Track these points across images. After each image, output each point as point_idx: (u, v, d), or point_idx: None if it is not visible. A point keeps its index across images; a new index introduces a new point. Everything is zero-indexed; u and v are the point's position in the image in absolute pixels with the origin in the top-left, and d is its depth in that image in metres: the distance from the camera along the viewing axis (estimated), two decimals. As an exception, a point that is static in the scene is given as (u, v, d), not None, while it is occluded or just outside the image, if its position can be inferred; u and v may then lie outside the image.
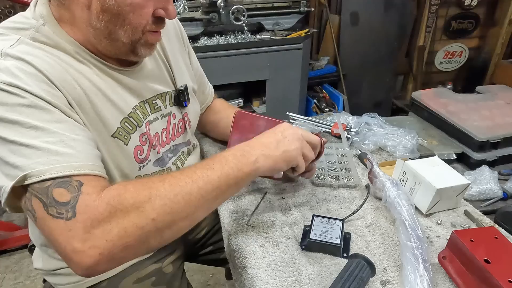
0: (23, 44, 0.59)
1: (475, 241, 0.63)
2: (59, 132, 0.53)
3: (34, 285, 1.74)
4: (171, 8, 0.65)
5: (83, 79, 0.64)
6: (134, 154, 0.72)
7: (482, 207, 1.62)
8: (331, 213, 0.83)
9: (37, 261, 0.83)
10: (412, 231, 0.66)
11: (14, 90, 0.52)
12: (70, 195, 0.49)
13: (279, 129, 0.70)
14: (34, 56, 0.58)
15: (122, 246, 0.50)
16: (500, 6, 2.82)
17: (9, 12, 2.07)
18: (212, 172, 0.58)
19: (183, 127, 0.88)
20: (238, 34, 2.03)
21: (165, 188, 0.54)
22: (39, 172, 0.49)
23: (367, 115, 1.18)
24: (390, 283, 0.65)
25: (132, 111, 0.72)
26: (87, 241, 0.48)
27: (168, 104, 0.83)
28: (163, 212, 0.52)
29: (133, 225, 0.50)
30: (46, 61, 0.59)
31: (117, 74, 0.71)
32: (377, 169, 0.82)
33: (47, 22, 0.63)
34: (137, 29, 0.63)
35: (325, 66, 2.60)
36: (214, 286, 1.78)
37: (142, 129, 0.74)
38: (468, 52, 3.05)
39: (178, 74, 0.86)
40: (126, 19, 0.61)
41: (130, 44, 0.65)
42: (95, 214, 0.48)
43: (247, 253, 0.71)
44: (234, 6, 1.90)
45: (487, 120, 1.95)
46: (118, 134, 0.68)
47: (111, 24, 0.61)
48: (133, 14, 0.60)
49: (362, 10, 2.54)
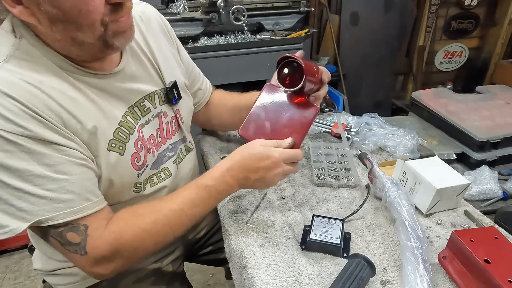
0: (2, 70, 0.57)
1: (475, 241, 0.63)
2: (58, 178, 0.59)
3: (34, 285, 1.74)
4: None
5: (67, 101, 0.62)
6: (132, 163, 0.72)
7: (482, 207, 1.62)
8: (331, 213, 0.83)
9: (37, 262, 0.83)
10: (412, 231, 0.66)
11: (11, 137, 0.54)
12: (80, 237, 0.61)
13: (259, 168, 0.70)
14: (16, 87, 0.56)
15: (122, 269, 0.69)
16: (500, 6, 2.82)
17: (9, 12, 2.06)
18: (198, 210, 0.71)
19: (176, 125, 0.86)
20: (238, 34, 2.02)
21: (157, 231, 0.67)
22: (47, 219, 0.58)
23: (367, 115, 1.18)
24: (390, 283, 0.65)
25: (122, 119, 0.70)
26: (97, 269, 0.65)
27: (158, 103, 0.80)
28: (153, 248, 0.70)
29: (129, 260, 0.68)
30: (28, 90, 0.57)
31: (101, 82, 0.68)
32: (377, 169, 0.82)
33: (25, 37, 0.60)
34: (95, 26, 0.58)
35: (325, 66, 2.60)
36: (214, 286, 1.78)
37: (135, 135, 0.73)
38: (468, 52, 3.05)
39: (167, 71, 0.82)
40: (77, 21, 0.56)
41: (99, 41, 0.61)
42: (101, 254, 0.63)
43: (247, 253, 0.71)
44: (234, 6, 1.90)
45: (487, 120, 1.95)
46: (111, 146, 0.68)
47: (67, 31, 0.58)
48: (80, 13, 0.55)
49: (362, 10, 2.54)
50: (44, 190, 0.58)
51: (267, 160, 0.69)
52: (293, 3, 2.18)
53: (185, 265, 1.04)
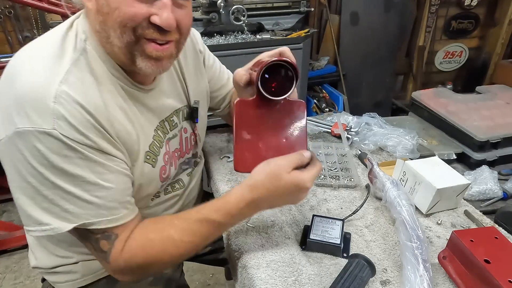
0: (71, 77, 0.58)
1: (475, 241, 0.63)
2: (107, 187, 0.61)
3: (34, 285, 1.74)
4: (165, 15, 0.57)
5: (120, 111, 0.64)
6: (160, 175, 0.75)
7: (482, 207, 1.62)
8: (331, 213, 0.83)
9: (36, 259, 0.83)
10: (412, 231, 0.66)
11: (74, 145, 0.56)
12: (108, 246, 0.64)
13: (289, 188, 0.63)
14: (83, 95, 0.58)
15: (137, 278, 0.74)
16: (500, 6, 2.82)
17: (9, 12, 2.07)
18: (209, 241, 0.68)
19: (194, 140, 0.89)
20: (238, 34, 2.02)
21: (165, 258, 0.67)
22: (91, 223, 0.61)
23: (367, 115, 1.18)
24: (390, 283, 0.65)
25: (155, 133, 0.74)
26: (118, 277, 0.69)
27: (181, 119, 0.83)
28: (164, 267, 0.76)
29: (142, 276, 0.75)
30: (92, 99, 0.59)
31: (141, 95, 0.70)
32: (377, 169, 0.82)
33: (88, 39, 0.62)
34: (126, 29, 0.58)
35: (325, 66, 2.60)
36: (214, 286, 1.78)
37: (164, 148, 0.76)
38: (468, 52, 3.05)
39: (192, 90, 0.85)
40: (113, 17, 0.57)
41: (126, 49, 0.60)
42: (119, 268, 0.66)
43: (247, 253, 0.71)
44: (234, 6, 1.90)
45: (487, 120, 1.95)
46: (146, 158, 0.71)
47: (105, 25, 0.58)
48: (118, 11, 0.56)
49: (362, 10, 2.54)
50: (92, 196, 0.60)
51: (299, 192, 0.63)
52: (293, 3, 2.19)
53: (184, 265, 1.04)
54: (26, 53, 0.61)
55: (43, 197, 0.58)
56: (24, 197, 0.59)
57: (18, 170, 0.57)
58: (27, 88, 0.55)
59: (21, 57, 0.61)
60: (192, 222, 0.66)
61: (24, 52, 0.61)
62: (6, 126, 0.56)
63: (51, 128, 0.54)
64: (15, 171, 0.58)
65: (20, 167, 0.57)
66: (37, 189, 0.58)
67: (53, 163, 0.56)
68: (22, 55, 0.61)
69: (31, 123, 0.54)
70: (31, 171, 0.56)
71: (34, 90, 0.55)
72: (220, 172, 0.98)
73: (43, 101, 0.54)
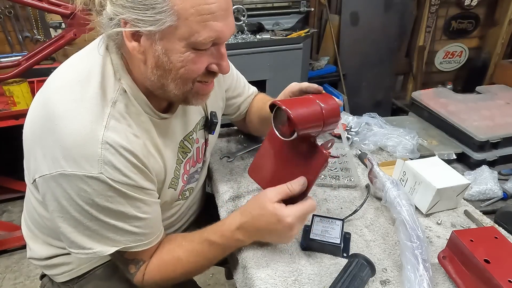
0: (113, 121, 0.60)
1: (475, 241, 0.63)
2: (145, 218, 0.66)
3: (34, 285, 1.74)
4: (224, 64, 0.64)
5: (153, 146, 0.67)
6: (179, 194, 0.80)
7: (482, 207, 1.63)
8: (331, 213, 0.83)
9: (30, 250, 0.83)
10: (412, 231, 0.66)
11: (118, 186, 0.60)
12: (134, 270, 0.71)
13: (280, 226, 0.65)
14: (125, 137, 0.60)
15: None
16: (500, 6, 2.82)
17: (9, 12, 2.07)
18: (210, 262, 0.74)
19: (203, 151, 0.89)
20: (238, 34, 2.02)
21: (180, 273, 0.73)
22: (127, 248, 0.66)
23: (367, 115, 1.18)
24: (390, 283, 0.65)
25: (177, 157, 0.76)
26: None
27: (197, 130, 0.83)
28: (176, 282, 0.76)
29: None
30: (134, 140, 0.62)
31: (168, 122, 0.72)
32: (377, 169, 0.82)
33: (122, 76, 0.63)
34: (188, 82, 0.62)
35: (325, 66, 2.60)
36: (214, 286, 1.77)
37: (182, 169, 0.79)
38: (468, 52, 3.06)
39: (209, 100, 0.84)
40: (177, 74, 0.60)
41: (182, 95, 0.65)
42: (140, 284, 0.73)
43: (247, 253, 0.71)
44: (234, 6, 1.90)
45: (487, 120, 1.95)
46: (171, 184, 0.75)
47: (163, 78, 0.61)
48: (184, 69, 0.60)
49: (362, 10, 2.54)
50: (132, 226, 0.65)
51: (279, 224, 0.64)
52: (293, 3, 2.19)
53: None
54: (65, 91, 0.60)
55: (85, 227, 0.62)
56: (66, 225, 0.63)
57: (62, 205, 0.61)
58: (74, 134, 0.57)
59: (59, 92, 0.61)
60: (196, 244, 0.72)
61: (63, 88, 0.61)
62: (50, 165, 0.58)
63: (98, 173, 0.57)
64: (58, 204, 0.61)
65: (64, 203, 0.60)
66: (80, 221, 0.62)
67: (97, 202, 0.60)
68: (61, 92, 0.61)
69: (79, 169, 0.57)
70: (76, 207, 0.60)
71: (81, 138, 0.57)
72: (220, 172, 0.98)
73: (90, 148, 0.57)
